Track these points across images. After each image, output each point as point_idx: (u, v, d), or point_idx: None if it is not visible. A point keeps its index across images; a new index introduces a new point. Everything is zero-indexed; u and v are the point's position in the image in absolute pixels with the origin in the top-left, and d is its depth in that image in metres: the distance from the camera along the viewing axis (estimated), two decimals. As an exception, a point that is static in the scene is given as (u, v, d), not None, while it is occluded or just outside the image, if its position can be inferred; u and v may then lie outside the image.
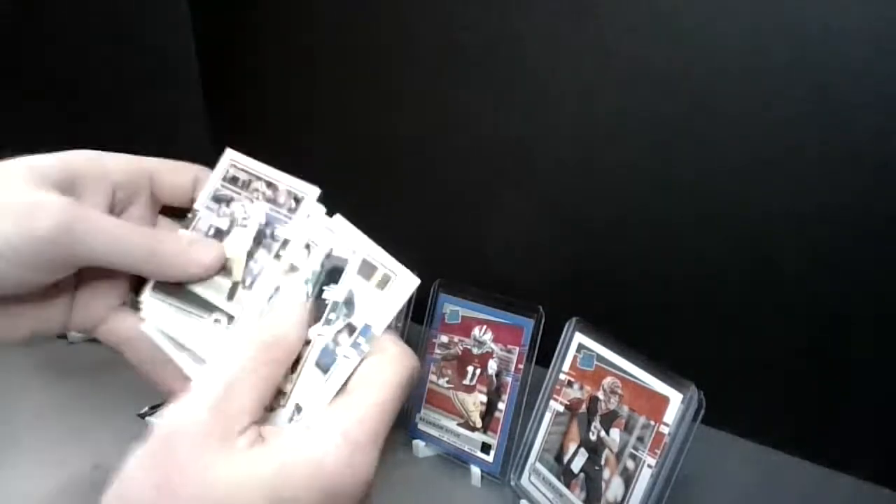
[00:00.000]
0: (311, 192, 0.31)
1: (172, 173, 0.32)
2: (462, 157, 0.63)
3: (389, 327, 0.26)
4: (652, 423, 0.40)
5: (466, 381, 0.53)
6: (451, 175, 0.65)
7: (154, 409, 0.54)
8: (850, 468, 0.49)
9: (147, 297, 0.31)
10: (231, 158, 0.32)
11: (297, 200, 0.30)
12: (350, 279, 0.27)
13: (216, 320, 0.29)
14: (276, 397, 0.26)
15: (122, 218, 0.30)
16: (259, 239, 0.30)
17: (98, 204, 0.28)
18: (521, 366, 0.50)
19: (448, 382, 0.54)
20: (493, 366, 0.52)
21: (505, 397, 0.50)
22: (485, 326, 0.52)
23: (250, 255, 0.30)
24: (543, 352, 0.49)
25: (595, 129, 0.54)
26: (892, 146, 0.42)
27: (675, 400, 0.39)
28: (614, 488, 0.41)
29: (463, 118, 0.62)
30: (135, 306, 0.31)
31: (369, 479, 0.23)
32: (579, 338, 0.47)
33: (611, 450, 0.42)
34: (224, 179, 0.32)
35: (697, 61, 0.47)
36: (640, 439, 0.41)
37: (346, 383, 0.25)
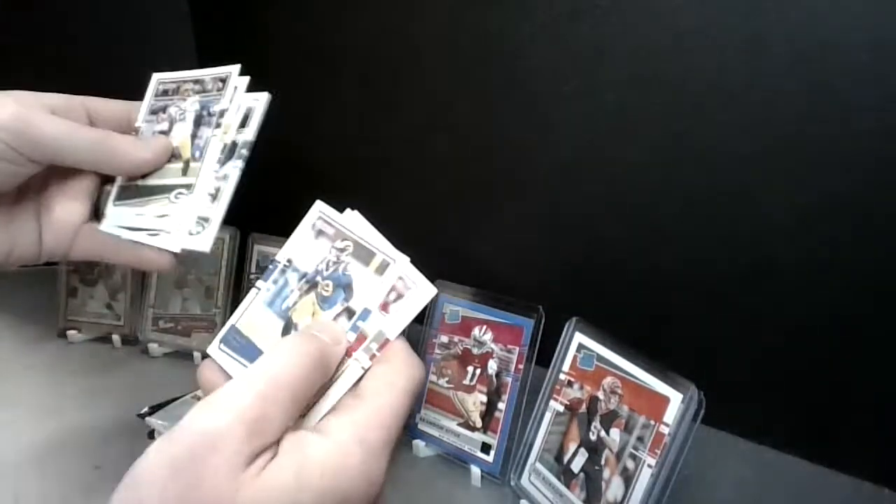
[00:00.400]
0: (232, 69, 0.34)
1: (106, 101, 0.35)
2: (462, 156, 0.63)
3: (402, 334, 0.27)
4: (652, 423, 0.40)
5: (466, 381, 0.53)
6: (451, 175, 0.65)
7: (154, 409, 0.54)
8: (850, 468, 0.49)
9: (109, 207, 0.34)
10: (157, 78, 0.37)
11: (223, 80, 0.34)
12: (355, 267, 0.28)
13: (177, 194, 0.33)
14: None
15: None
16: (198, 122, 0.34)
17: None
18: (521, 366, 0.50)
19: (448, 382, 0.54)
20: (493, 366, 0.52)
21: (505, 397, 0.50)
22: (485, 326, 0.52)
23: (194, 136, 0.34)
24: (543, 352, 0.49)
25: (595, 130, 0.54)
26: (893, 146, 0.42)
27: (675, 400, 0.39)
28: (614, 488, 0.41)
29: (463, 118, 0.62)
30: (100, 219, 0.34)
31: (382, 480, 0.23)
32: (579, 338, 0.47)
33: (611, 450, 0.42)
34: (155, 96, 0.36)
35: (697, 61, 0.47)
36: (640, 439, 0.41)
37: (355, 386, 0.25)
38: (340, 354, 0.26)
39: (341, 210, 0.31)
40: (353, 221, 0.30)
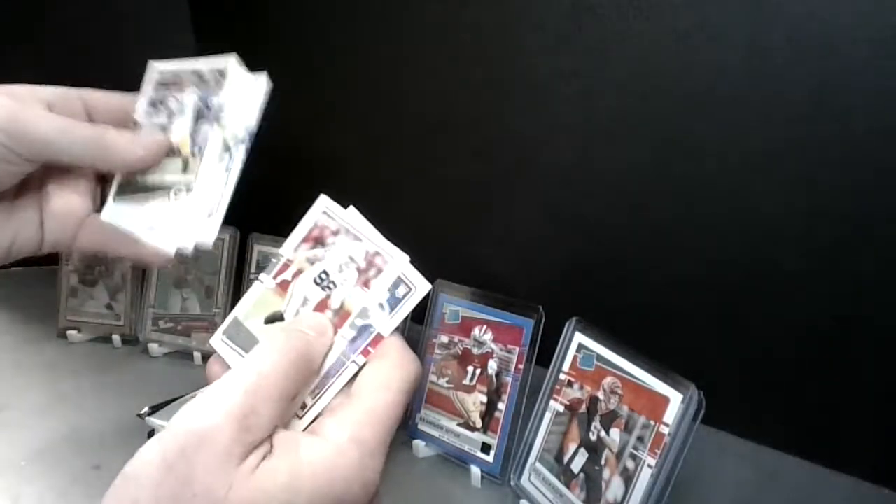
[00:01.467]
0: (230, 59, 0.34)
1: (103, 94, 0.34)
2: (462, 156, 0.63)
3: (396, 329, 0.26)
4: (652, 423, 0.40)
5: (466, 381, 0.53)
6: (452, 175, 0.65)
7: (154, 409, 0.54)
8: (850, 468, 0.49)
9: (110, 202, 0.34)
10: (156, 67, 0.36)
11: (222, 73, 0.33)
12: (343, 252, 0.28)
13: (177, 192, 0.32)
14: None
15: None
16: (198, 117, 0.33)
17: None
18: (521, 366, 0.50)
19: (448, 382, 0.54)
20: (493, 366, 0.52)
21: (505, 397, 0.50)
22: (485, 326, 0.52)
23: (194, 132, 0.33)
24: (543, 352, 0.49)
25: (595, 129, 0.54)
26: (893, 146, 0.42)
27: (675, 400, 0.39)
28: (614, 488, 0.41)
29: (463, 118, 0.62)
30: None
31: (378, 480, 0.23)
32: (579, 338, 0.47)
33: (611, 450, 0.42)
34: (154, 87, 0.35)
35: (697, 61, 0.47)
36: (640, 439, 0.41)
37: (350, 384, 0.25)
38: (326, 346, 0.26)
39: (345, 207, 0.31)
40: (354, 218, 0.30)
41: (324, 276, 0.28)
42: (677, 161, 0.51)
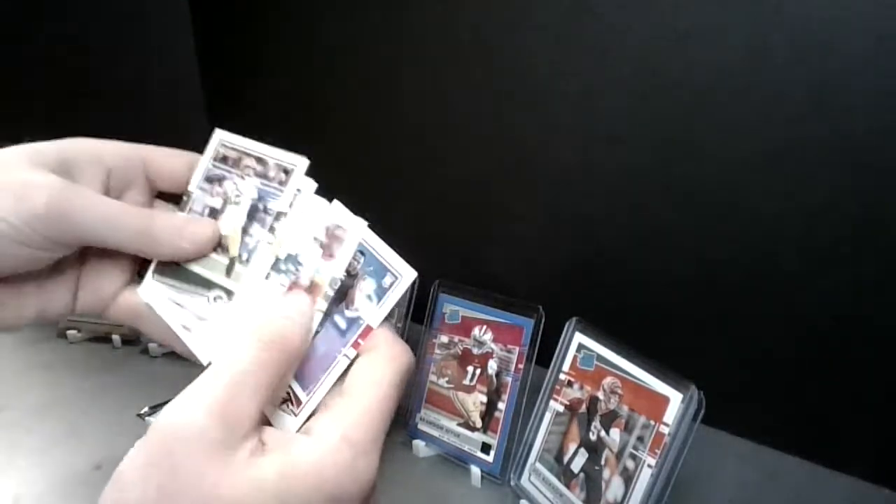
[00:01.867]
0: (299, 163, 0.31)
1: (167, 158, 0.33)
2: (462, 157, 0.63)
3: (385, 320, 0.26)
4: (652, 423, 0.40)
5: (466, 381, 0.53)
6: (452, 175, 0.65)
7: (154, 409, 0.54)
8: (850, 468, 0.49)
9: (149, 279, 0.32)
10: (220, 138, 0.33)
11: (287, 172, 0.31)
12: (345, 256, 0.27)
13: (216, 297, 0.30)
14: (285, 401, 0.26)
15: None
16: (252, 214, 0.31)
17: (93, 186, 0.29)
18: (521, 366, 0.50)
19: (448, 382, 0.54)
20: (493, 366, 0.52)
21: (505, 397, 0.50)
22: (485, 326, 0.52)
23: (245, 231, 0.31)
24: (543, 352, 0.49)
25: (595, 130, 0.54)
26: (893, 146, 0.42)
27: (675, 400, 0.39)
28: (614, 488, 0.41)
29: (463, 118, 0.62)
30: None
31: (372, 479, 0.22)
32: (579, 338, 0.47)
33: (611, 450, 0.42)
34: (215, 160, 0.33)
35: (697, 61, 0.47)
36: (640, 439, 0.41)
37: (341, 380, 0.25)
38: (306, 325, 0.26)
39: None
40: (357, 224, 0.29)
41: (289, 262, 0.28)
42: (677, 161, 0.51)
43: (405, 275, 0.26)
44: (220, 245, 0.31)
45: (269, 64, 0.75)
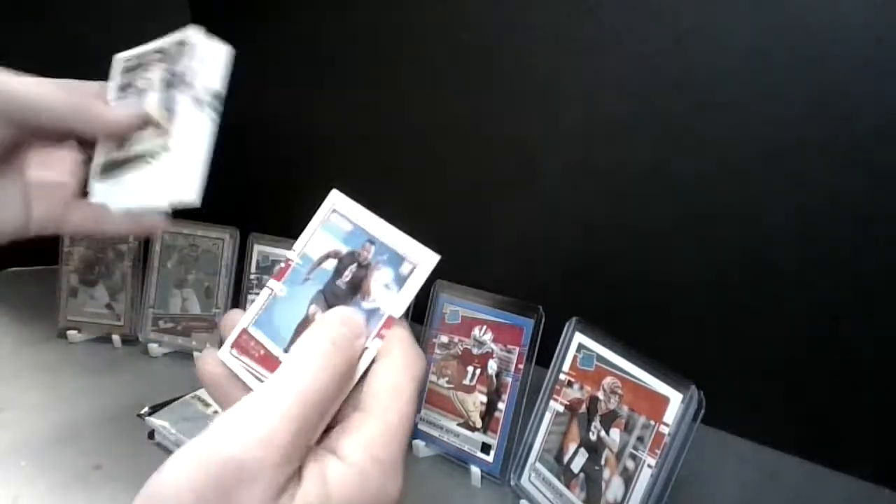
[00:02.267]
0: (189, 29, 0.34)
1: (79, 81, 0.34)
2: (463, 157, 0.63)
3: (403, 316, 0.26)
4: (652, 423, 0.40)
5: (466, 381, 0.53)
6: (452, 175, 0.65)
7: (154, 409, 0.54)
8: (850, 468, 0.49)
9: (94, 184, 0.34)
10: (120, 57, 0.37)
11: (183, 43, 0.34)
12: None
13: (154, 156, 0.33)
14: None
15: None
16: (167, 85, 0.34)
17: None
18: (521, 366, 0.50)
19: (448, 382, 0.54)
20: (493, 366, 0.52)
21: (505, 397, 0.50)
22: (485, 326, 0.52)
23: (165, 101, 0.34)
24: (543, 352, 0.49)
25: (595, 129, 0.54)
26: (893, 146, 0.42)
27: (675, 400, 0.39)
28: (614, 488, 0.41)
29: (463, 118, 0.62)
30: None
31: (400, 493, 0.22)
32: (579, 338, 0.47)
33: (611, 450, 0.42)
34: (122, 73, 0.36)
35: (697, 61, 0.47)
36: (640, 439, 0.41)
37: (361, 386, 0.24)
38: (360, 349, 0.24)
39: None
40: (367, 216, 0.29)
41: (348, 264, 0.28)
42: (677, 161, 0.51)
43: (425, 260, 0.25)
44: (148, 123, 0.34)
45: (269, 64, 0.75)
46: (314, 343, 0.23)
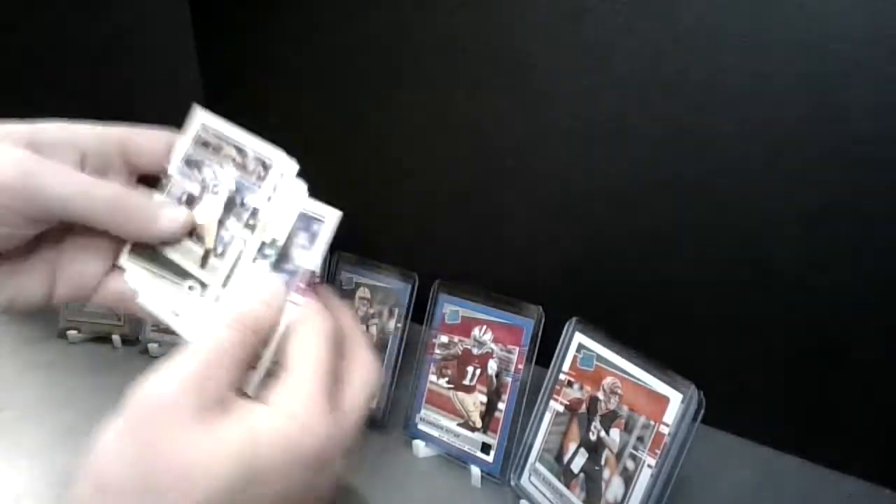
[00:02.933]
0: (276, 157, 0.31)
1: (144, 138, 0.32)
2: (463, 157, 0.63)
3: (314, 286, 0.28)
4: (652, 423, 0.40)
5: (466, 381, 0.53)
6: (452, 175, 0.65)
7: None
8: (850, 468, 0.49)
9: (125, 261, 0.31)
10: (202, 120, 0.32)
11: (266, 167, 0.31)
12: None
13: (190, 287, 0.31)
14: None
15: None
16: (230, 207, 0.31)
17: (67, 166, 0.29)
18: (521, 366, 0.50)
19: (448, 382, 0.54)
20: (493, 366, 0.52)
21: (505, 397, 0.50)
22: (485, 326, 0.52)
23: (221, 223, 0.31)
24: (543, 352, 0.49)
25: (595, 129, 0.54)
26: (893, 146, 0.42)
27: (675, 400, 0.39)
28: (614, 488, 0.41)
29: (463, 118, 0.62)
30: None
31: (341, 444, 0.25)
32: (579, 338, 0.47)
33: (611, 450, 0.42)
34: (195, 143, 0.32)
35: (697, 61, 0.47)
36: (640, 439, 0.41)
37: (285, 345, 0.27)
38: (280, 313, 0.27)
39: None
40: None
41: (271, 247, 0.29)
42: (677, 161, 0.51)
43: (328, 215, 0.28)
44: (195, 233, 0.31)
45: (269, 64, 0.75)
46: (229, 315, 0.26)
